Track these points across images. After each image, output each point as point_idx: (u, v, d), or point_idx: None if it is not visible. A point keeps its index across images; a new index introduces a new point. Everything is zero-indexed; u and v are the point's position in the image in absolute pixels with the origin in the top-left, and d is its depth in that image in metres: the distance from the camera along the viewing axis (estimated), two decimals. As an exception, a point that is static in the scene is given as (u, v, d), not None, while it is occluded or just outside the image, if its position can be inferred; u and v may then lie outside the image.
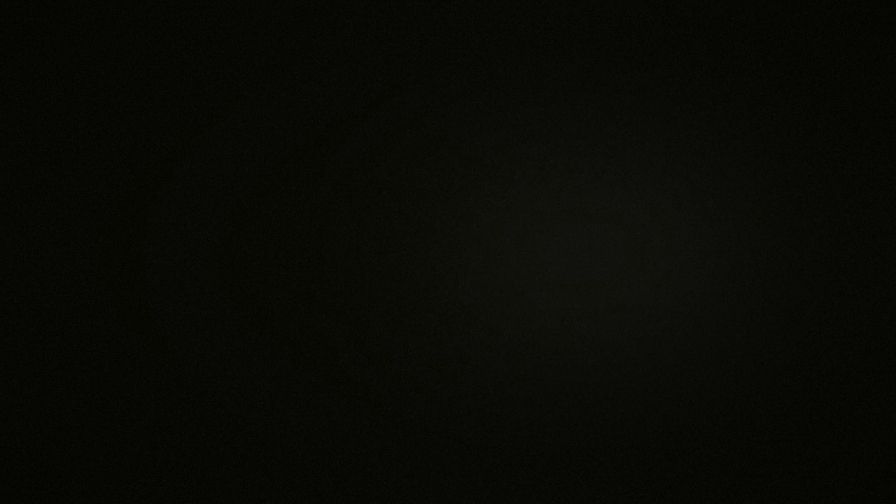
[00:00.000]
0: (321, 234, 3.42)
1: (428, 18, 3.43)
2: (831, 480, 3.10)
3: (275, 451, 3.05)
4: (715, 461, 3.12)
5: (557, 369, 3.22)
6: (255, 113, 3.48)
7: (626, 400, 3.19)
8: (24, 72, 3.45)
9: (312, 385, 3.16)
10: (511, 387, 3.20)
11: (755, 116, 3.38)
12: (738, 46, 3.38)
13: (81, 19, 3.44)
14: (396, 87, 3.49)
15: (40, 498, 2.94)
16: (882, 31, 3.32)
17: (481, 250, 3.40)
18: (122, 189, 3.46)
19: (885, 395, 3.16)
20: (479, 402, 3.16)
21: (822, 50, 3.34)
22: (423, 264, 3.38)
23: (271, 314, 3.29)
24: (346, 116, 3.49)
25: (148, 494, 2.96)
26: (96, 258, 3.37)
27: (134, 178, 3.46)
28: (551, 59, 3.47)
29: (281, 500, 2.97)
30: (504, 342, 3.26)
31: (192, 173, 3.46)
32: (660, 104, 3.41)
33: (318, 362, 3.20)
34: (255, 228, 3.44)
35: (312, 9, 3.46)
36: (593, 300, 3.31)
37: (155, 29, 3.47)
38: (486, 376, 3.21)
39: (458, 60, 3.47)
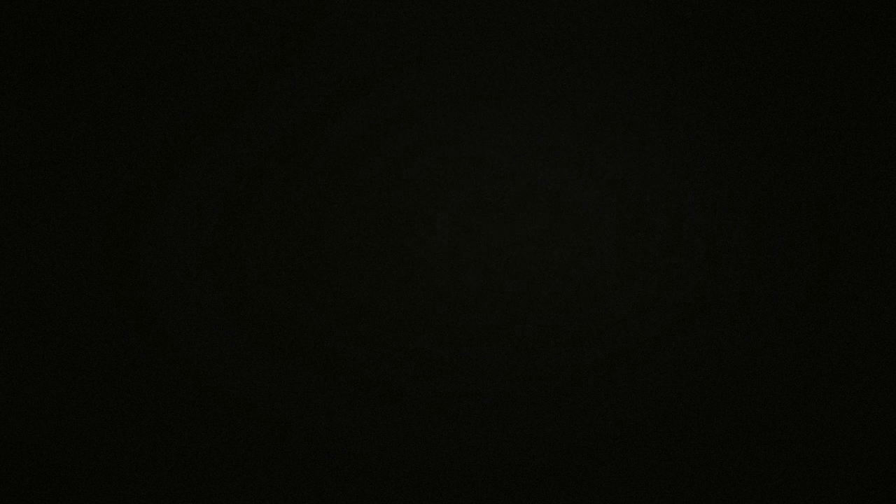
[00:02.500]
0: (321, 233, 3.43)
1: (428, 17, 3.43)
2: (831, 480, 3.10)
3: (274, 451, 3.05)
4: (715, 461, 3.12)
5: (557, 368, 3.22)
6: (254, 112, 3.48)
7: (626, 400, 3.19)
8: (23, 72, 3.46)
9: (312, 385, 3.16)
10: (511, 386, 3.20)
11: (755, 116, 3.38)
12: (737, 46, 3.38)
13: (81, 19, 3.45)
14: (395, 86, 3.50)
15: (39, 498, 2.95)
16: (882, 31, 3.33)
17: (481, 249, 3.41)
18: (121, 189, 3.46)
19: (885, 395, 3.17)
20: (478, 401, 3.17)
21: (823, 50, 3.35)
22: (422, 263, 3.38)
23: (271, 313, 3.29)
24: (345, 114, 3.49)
25: (148, 494, 2.96)
26: (96, 258, 3.37)
27: (133, 178, 3.46)
28: (551, 58, 3.47)
29: (281, 499, 2.97)
30: (503, 341, 3.27)
31: (192, 173, 3.47)
32: (659, 104, 3.42)
33: (318, 362, 3.20)
34: (255, 227, 3.44)
35: (310, 8, 3.47)
36: (593, 299, 3.31)
37: (154, 29, 3.47)
38: (486, 375, 3.21)
39: (456, 58, 3.47)
